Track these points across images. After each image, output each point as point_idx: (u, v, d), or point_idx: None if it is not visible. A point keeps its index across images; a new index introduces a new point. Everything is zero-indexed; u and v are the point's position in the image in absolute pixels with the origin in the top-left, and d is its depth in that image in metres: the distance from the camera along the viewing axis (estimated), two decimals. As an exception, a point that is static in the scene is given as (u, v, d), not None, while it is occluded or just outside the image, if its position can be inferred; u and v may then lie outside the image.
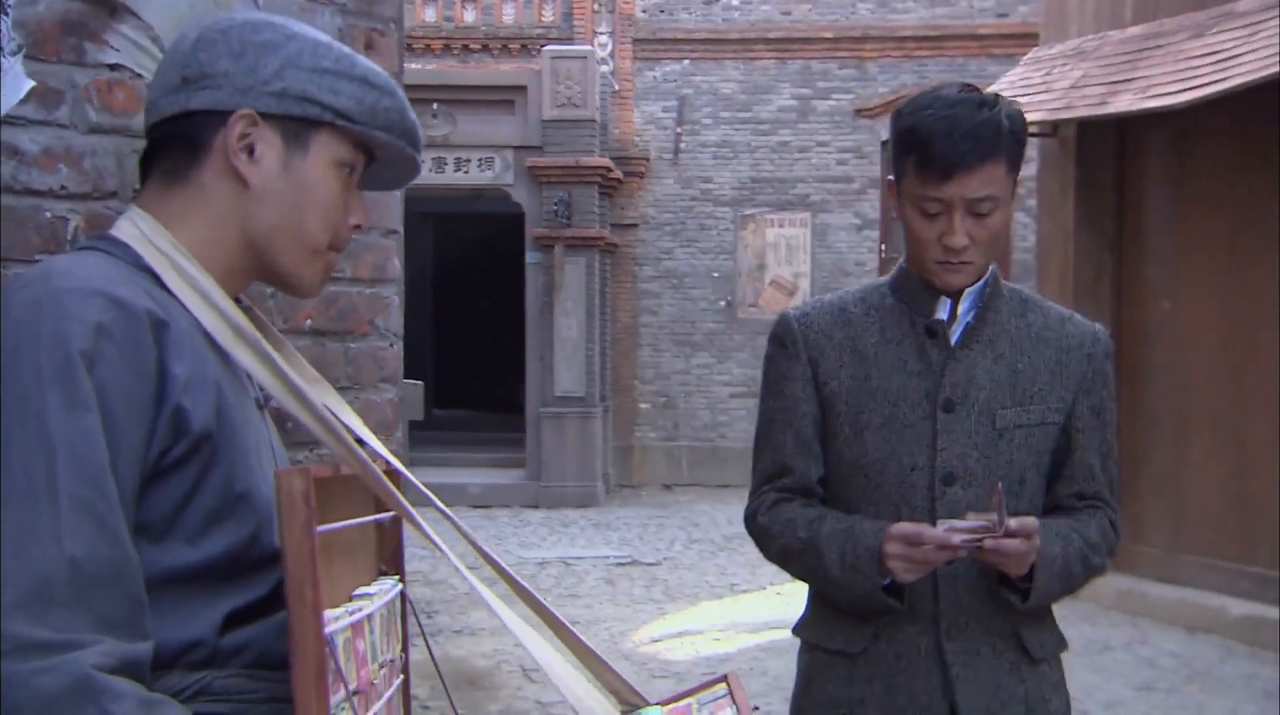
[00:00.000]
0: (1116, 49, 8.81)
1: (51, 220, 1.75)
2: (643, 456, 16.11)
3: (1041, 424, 2.15)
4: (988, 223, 2.05)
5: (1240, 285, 8.26)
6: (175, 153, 1.46)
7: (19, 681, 1.19)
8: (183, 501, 1.34)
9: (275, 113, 1.45)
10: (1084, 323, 2.24)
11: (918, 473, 2.12)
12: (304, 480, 1.29)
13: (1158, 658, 7.65)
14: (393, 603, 1.53)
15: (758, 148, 15.97)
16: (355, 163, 1.52)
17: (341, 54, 1.49)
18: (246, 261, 1.48)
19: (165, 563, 1.32)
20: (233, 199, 1.46)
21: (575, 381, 14.52)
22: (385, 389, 2.39)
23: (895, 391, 2.14)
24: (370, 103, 1.49)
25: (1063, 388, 2.17)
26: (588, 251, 14.57)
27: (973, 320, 2.15)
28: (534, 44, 15.81)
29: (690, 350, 16.07)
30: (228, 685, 1.35)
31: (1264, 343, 8.07)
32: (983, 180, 2.01)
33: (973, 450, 2.12)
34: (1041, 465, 2.17)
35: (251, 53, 1.45)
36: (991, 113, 2.02)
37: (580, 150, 14.36)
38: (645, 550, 11.45)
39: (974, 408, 2.12)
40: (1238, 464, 8.27)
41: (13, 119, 1.70)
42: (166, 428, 1.32)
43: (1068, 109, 8.64)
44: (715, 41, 16.00)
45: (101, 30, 1.83)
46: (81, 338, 1.27)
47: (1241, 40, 7.67)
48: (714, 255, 16.05)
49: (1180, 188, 8.72)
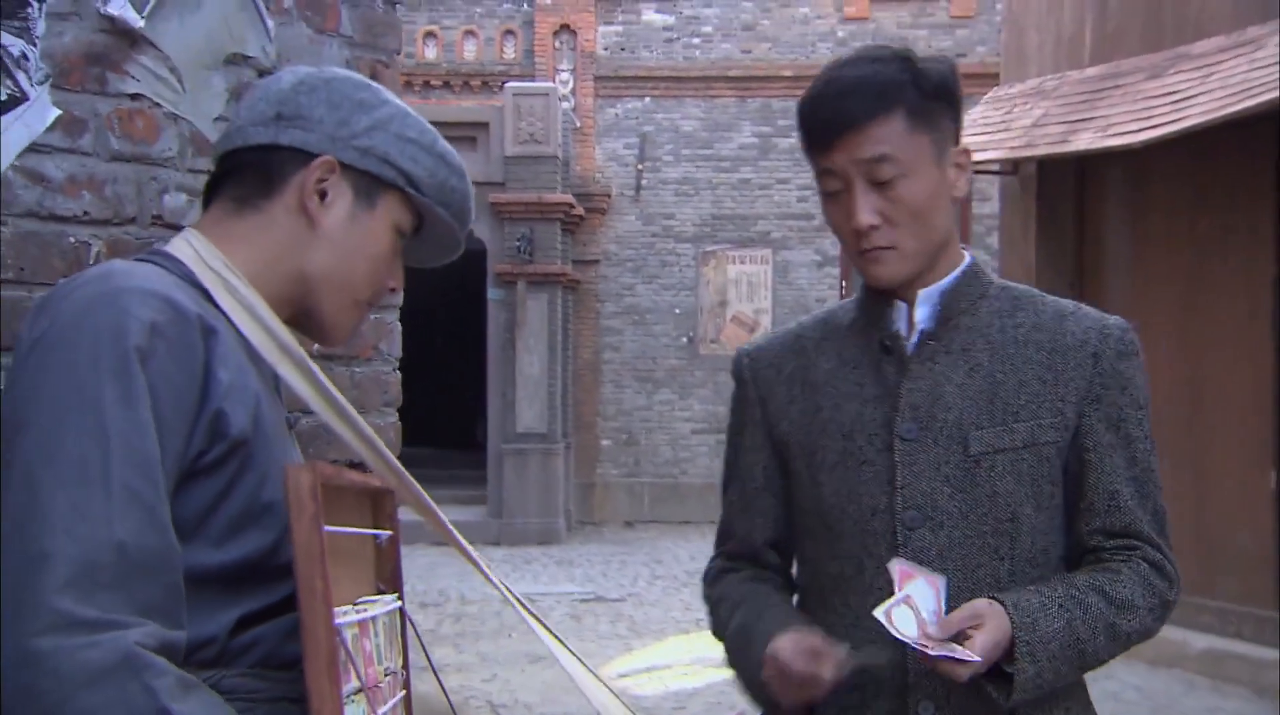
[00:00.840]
0: (1076, 88, 8.97)
1: (75, 245, 1.78)
2: (605, 493, 16.10)
3: (1031, 445, 1.75)
4: (898, 195, 1.72)
5: (1199, 320, 8.39)
6: (250, 181, 1.53)
7: (66, 655, 1.22)
8: (214, 504, 1.38)
9: (355, 166, 1.53)
10: (1090, 316, 1.83)
11: (879, 517, 1.76)
12: (311, 476, 1.33)
13: (1122, 691, 7.71)
14: (393, 616, 1.56)
15: (719, 184, 16.10)
16: (407, 232, 1.60)
17: (425, 129, 1.58)
18: (291, 297, 1.54)
19: (189, 562, 1.35)
20: (297, 235, 1.53)
21: (537, 418, 14.51)
22: (388, 413, 2.42)
23: (849, 423, 1.80)
24: (441, 178, 1.58)
25: (1057, 398, 1.76)
26: (550, 288, 14.60)
27: (934, 326, 1.79)
28: (495, 81, 15.88)
29: (652, 386, 16.11)
30: (235, 684, 1.37)
31: (1221, 376, 8.20)
32: (873, 139, 1.70)
33: (942, 484, 1.74)
34: (1043, 498, 1.76)
35: (348, 107, 1.54)
36: (882, 66, 1.74)
37: (542, 186, 14.41)
38: (609, 586, 11.43)
39: (941, 432, 1.75)
40: (1196, 498, 8.37)
41: (39, 146, 1.74)
42: (206, 429, 1.36)
43: (1029, 147, 8.78)
44: (676, 79, 16.15)
45: (123, 61, 1.87)
46: (137, 333, 1.32)
47: (1197, 81, 7.83)
48: (676, 291, 16.13)
49: (1138, 224, 8.87)
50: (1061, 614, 1.69)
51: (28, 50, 1.71)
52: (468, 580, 11.56)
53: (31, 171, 1.73)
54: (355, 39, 2.43)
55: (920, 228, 1.74)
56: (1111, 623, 1.72)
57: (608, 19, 16.25)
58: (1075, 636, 1.69)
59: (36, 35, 1.72)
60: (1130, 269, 8.92)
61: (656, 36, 16.22)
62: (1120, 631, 1.73)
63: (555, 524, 14.52)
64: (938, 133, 1.75)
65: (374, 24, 2.40)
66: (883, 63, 1.74)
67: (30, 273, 1.72)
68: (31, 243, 1.73)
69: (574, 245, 15.77)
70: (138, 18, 1.86)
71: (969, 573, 1.74)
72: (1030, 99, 9.33)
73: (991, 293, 1.83)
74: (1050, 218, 9.33)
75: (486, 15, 16.32)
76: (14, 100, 1.69)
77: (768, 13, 16.04)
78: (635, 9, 16.24)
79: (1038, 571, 1.76)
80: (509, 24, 16.31)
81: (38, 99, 1.72)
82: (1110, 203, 9.07)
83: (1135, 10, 8.80)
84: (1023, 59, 9.90)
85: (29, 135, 1.71)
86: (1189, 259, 8.45)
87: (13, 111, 1.68)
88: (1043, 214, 9.34)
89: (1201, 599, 8.27)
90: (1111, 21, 8.99)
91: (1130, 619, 1.73)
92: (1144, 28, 8.71)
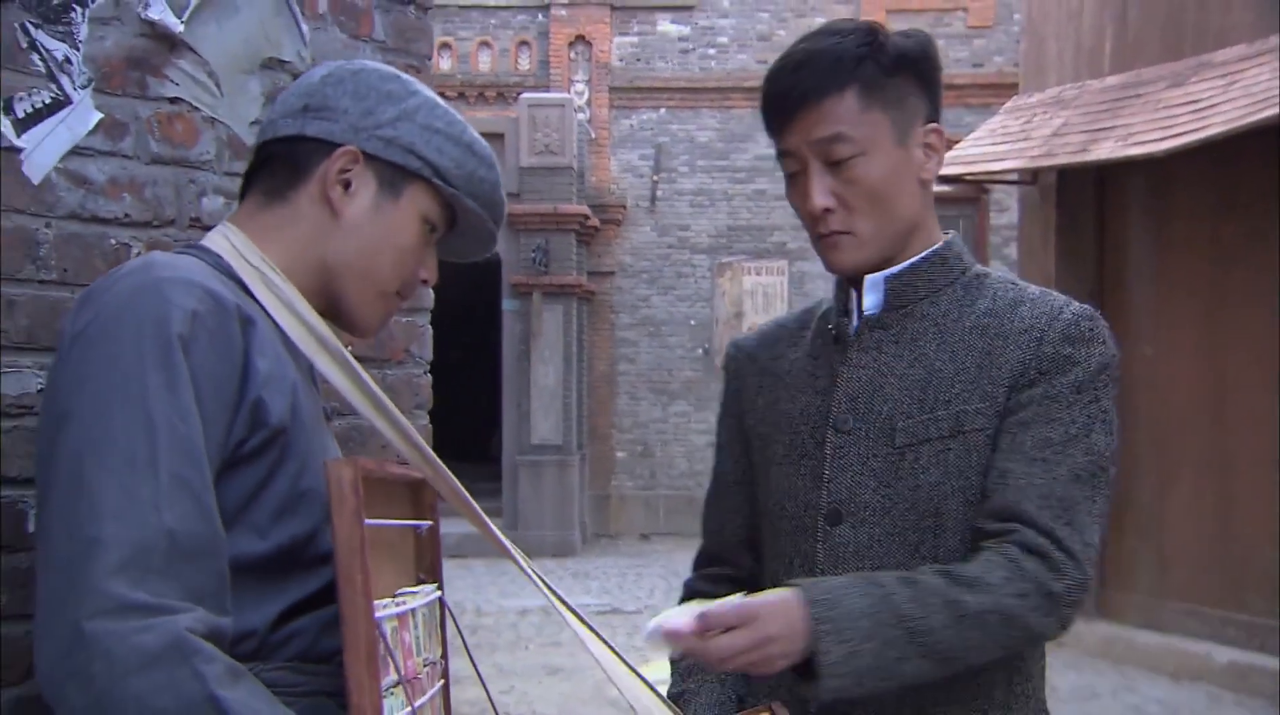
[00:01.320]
0: (1096, 98, 8.94)
1: (116, 247, 1.79)
2: (620, 505, 16.08)
3: (958, 433, 1.61)
4: (854, 177, 1.62)
5: (1221, 330, 8.35)
6: (279, 173, 1.54)
7: (118, 639, 1.23)
8: (255, 492, 1.39)
9: (379, 156, 1.53)
10: (1050, 302, 1.66)
11: (809, 513, 1.67)
12: (353, 469, 1.34)
13: (1144, 705, 7.66)
14: (433, 607, 1.57)
15: (735, 195, 16.10)
16: (439, 224, 1.60)
17: (454, 120, 1.58)
18: (318, 287, 1.54)
19: (233, 551, 1.36)
20: (321, 226, 1.53)
21: (552, 430, 14.50)
22: (419, 415, 2.42)
23: (799, 414, 1.72)
24: (469, 169, 1.58)
25: (989, 383, 1.62)
26: (565, 299, 14.60)
27: (882, 313, 1.68)
28: (510, 92, 15.91)
29: (668, 398, 16.09)
30: (274, 677, 1.37)
31: (1246, 386, 8.16)
32: (826, 118, 1.61)
33: (868, 477, 1.64)
34: (971, 491, 1.60)
35: (374, 98, 1.54)
36: (840, 39, 1.64)
37: (558, 198, 14.42)
38: (625, 599, 11.39)
39: (874, 424, 1.64)
40: (1222, 509, 8.33)
41: (82, 149, 1.75)
42: (246, 417, 1.38)
43: (1048, 157, 8.76)
44: (692, 90, 16.15)
45: (163, 65, 1.88)
46: (180, 321, 1.34)
47: (1220, 89, 7.81)
48: (691, 303, 16.12)
49: (1160, 234, 8.84)
50: (873, 589, 1.50)
51: (71, 54, 1.72)
52: (483, 592, 11.54)
53: (74, 174, 1.74)
54: (388, 44, 2.45)
55: (879, 212, 1.64)
56: (952, 600, 1.49)
57: (623, 30, 16.27)
58: (898, 614, 1.48)
59: (80, 40, 1.74)
60: (1152, 278, 8.88)
61: (672, 47, 16.23)
62: (968, 609, 1.49)
63: (570, 536, 14.49)
64: (899, 110, 1.64)
65: (406, 29, 2.41)
66: (842, 35, 1.64)
67: (73, 274, 1.73)
68: (74, 244, 1.74)
69: (589, 256, 15.77)
70: (178, 22, 1.87)
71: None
72: (1050, 108, 9.31)
73: (961, 281, 1.70)
74: (1071, 227, 9.30)
75: (501, 26, 16.36)
76: (58, 104, 1.70)
77: (784, 23, 16.04)
78: (651, 19, 16.26)
79: None
80: (524, 35, 16.34)
81: (81, 103, 1.73)
82: (1131, 211, 9.03)
83: (1156, 19, 8.77)
84: (1042, 68, 9.88)
85: (72, 138, 1.72)
86: (1211, 268, 8.42)
87: (56, 115, 1.70)
88: (1063, 223, 9.31)
89: (1226, 612, 8.23)
90: (1132, 30, 8.97)
91: (981, 597, 1.50)
92: (1165, 36, 8.69)
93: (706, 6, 16.15)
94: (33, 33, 1.68)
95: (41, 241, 1.69)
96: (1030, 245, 9.79)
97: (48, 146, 1.69)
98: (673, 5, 16.20)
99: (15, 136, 1.65)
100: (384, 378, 2.39)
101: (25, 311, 1.67)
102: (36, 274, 1.68)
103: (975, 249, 14.38)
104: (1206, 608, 8.37)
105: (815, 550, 1.65)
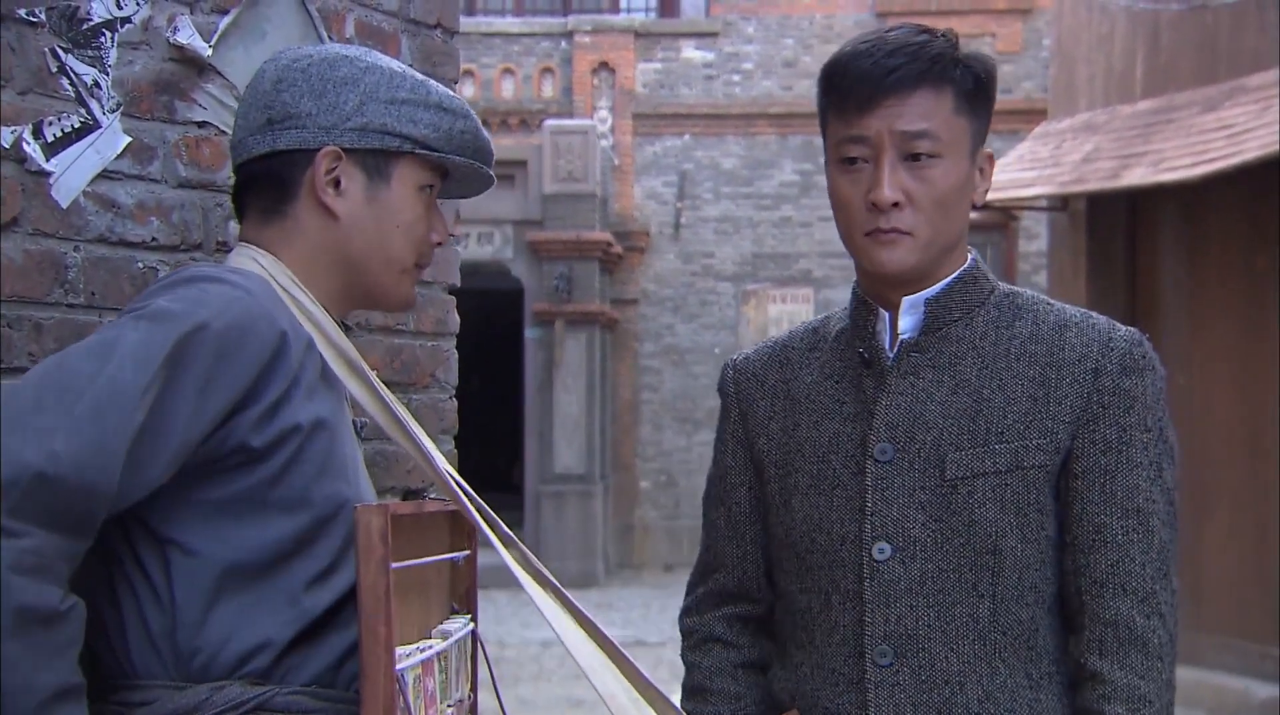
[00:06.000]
0: (1127, 123, 8.88)
1: (143, 270, 1.81)
2: (644, 536, 15.99)
3: (1016, 469, 1.57)
4: (930, 177, 1.57)
5: (1256, 359, 8.24)
6: (267, 190, 1.58)
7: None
8: (280, 473, 1.42)
9: (357, 147, 1.55)
10: (1097, 327, 1.63)
11: (847, 546, 1.61)
12: (382, 518, 1.35)
13: (1182, 738, 7.53)
14: (464, 641, 1.58)
15: (760, 223, 16.04)
16: (434, 183, 1.63)
17: (416, 82, 1.60)
18: (343, 287, 1.60)
19: (268, 536, 1.40)
20: (324, 230, 1.57)
21: (575, 459, 14.44)
22: (444, 441, 2.42)
23: (827, 442, 1.64)
24: (446, 128, 1.60)
25: (1049, 417, 1.58)
26: (588, 327, 14.56)
27: (919, 337, 1.62)
28: (534, 119, 15.91)
29: (692, 427, 16.00)
30: (289, 702, 1.37)
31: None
32: (918, 110, 1.56)
33: (915, 511, 1.58)
34: (1030, 529, 1.58)
35: (332, 90, 1.56)
36: (932, 38, 1.59)
37: (581, 225, 14.40)
38: (649, 630, 11.30)
39: (919, 455, 1.59)
40: (1259, 542, 8.21)
41: (110, 173, 1.77)
42: (255, 422, 1.41)
43: (1079, 182, 8.70)
44: (716, 117, 16.13)
45: (190, 89, 1.89)
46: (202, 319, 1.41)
47: (1254, 115, 7.74)
48: (716, 331, 16.05)
49: (1193, 260, 8.74)
50: None
51: (100, 79, 1.74)
52: (505, 624, 11.46)
53: (103, 198, 1.76)
54: (415, 68, 2.43)
55: (940, 219, 1.59)
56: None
57: (647, 56, 16.27)
58: None
59: (109, 64, 1.75)
60: (1186, 306, 8.78)
61: (696, 73, 16.22)
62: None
63: (594, 566, 14.41)
64: (976, 124, 1.62)
65: (433, 53, 2.40)
66: (931, 35, 1.60)
67: (100, 297, 1.74)
68: (102, 268, 1.76)
69: (613, 284, 15.74)
70: (205, 46, 1.88)
71: (944, 610, 1.58)
72: (1080, 134, 9.24)
73: (992, 300, 1.65)
74: (1101, 254, 9.22)
75: (524, 53, 16.38)
76: (86, 128, 1.71)
77: (809, 49, 16.01)
78: (675, 46, 16.26)
79: (1026, 611, 1.60)
80: (547, 62, 16.36)
81: (109, 127, 1.74)
82: (1164, 238, 8.95)
83: (1189, 42, 8.70)
84: (1072, 93, 9.82)
85: (100, 162, 1.73)
86: (1246, 296, 8.32)
87: (85, 139, 1.71)
88: (1094, 250, 9.23)
89: (1264, 647, 8.09)
90: (1164, 54, 8.90)
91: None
92: (1197, 60, 8.62)
93: (731, 33, 16.14)
94: (62, 57, 1.70)
95: (69, 265, 1.71)
96: (1060, 272, 9.71)
97: (76, 170, 1.70)
98: (697, 31, 16.21)
99: (44, 160, 1.67)
100: (410, 403, 2.40)
101: (53, 335, 1.67)
102: (64, 298, 1.71)
103: (1005, 276, 14.25)
104: (1244, 642, 8.24)
105: (860, 586, 1.60)
